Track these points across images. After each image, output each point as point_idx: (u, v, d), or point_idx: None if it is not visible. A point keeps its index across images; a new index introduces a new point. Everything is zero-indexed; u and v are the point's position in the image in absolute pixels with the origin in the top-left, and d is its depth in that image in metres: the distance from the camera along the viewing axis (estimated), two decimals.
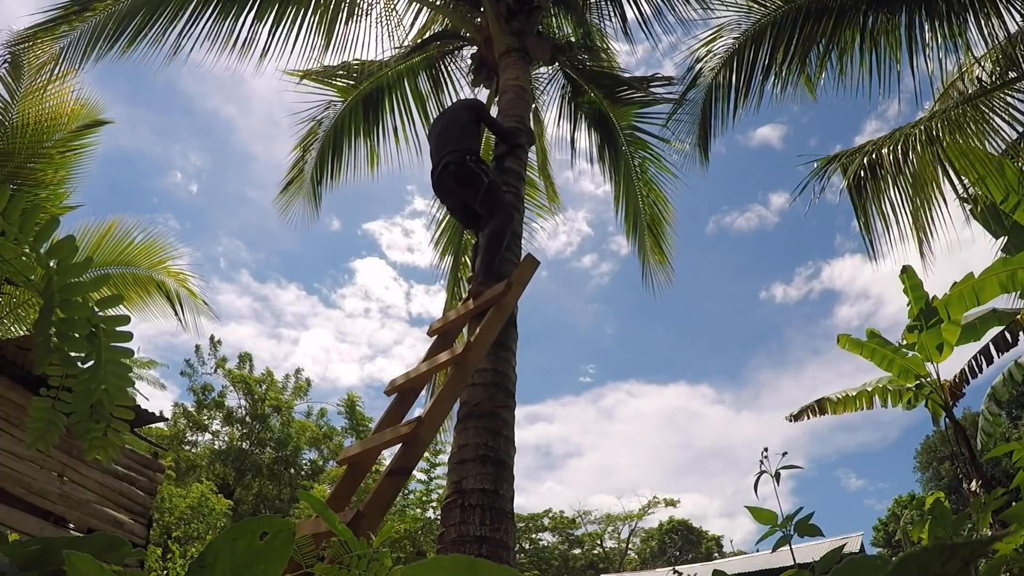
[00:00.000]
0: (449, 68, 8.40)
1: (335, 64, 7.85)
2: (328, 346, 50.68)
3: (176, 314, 9.94)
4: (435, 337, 3.82)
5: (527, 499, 58.22)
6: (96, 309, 0.92)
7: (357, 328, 54.34)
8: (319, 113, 8.20)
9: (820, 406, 11.65)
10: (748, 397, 62.96)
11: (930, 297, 10.12)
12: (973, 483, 9.41)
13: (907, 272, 10.24)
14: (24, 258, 0.88)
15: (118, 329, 0.94)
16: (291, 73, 7.58)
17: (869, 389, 11.32)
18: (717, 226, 66.15)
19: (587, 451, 58.34)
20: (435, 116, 6.24)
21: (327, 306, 56.45)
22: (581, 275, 66.08)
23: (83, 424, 0.96)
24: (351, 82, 8.03)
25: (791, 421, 11.96)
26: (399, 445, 2.96)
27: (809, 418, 11.80)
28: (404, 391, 3.52)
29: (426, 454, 19.31)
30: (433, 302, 53.70)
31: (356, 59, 7.88)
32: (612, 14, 7.91)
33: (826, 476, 58.75)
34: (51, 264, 0.88)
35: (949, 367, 11.26)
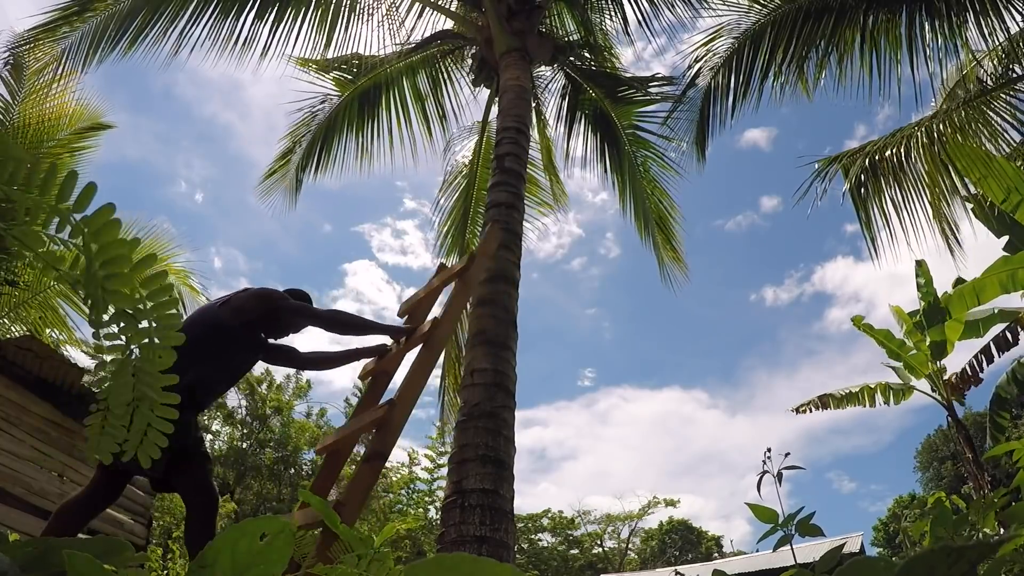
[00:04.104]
0: (449, 68, 8.41)
1: (335, 58, 7.87)
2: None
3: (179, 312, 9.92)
4: (404, 318, 3.77)
5: (523, 500, 58.03)
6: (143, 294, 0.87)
7: None
8: (315, 106, 8.22)
9: (823, 401, 11.69)
10: (742, 400, 62.83)
11: (936, 296, 10.16)
12: (976, 484, 9.41)
13: (921, 267, 10.29)
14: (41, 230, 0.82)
15: (167, 313, 0.90)
16: (294, 60, 7.60)
17: (872, 385, 11.35)
18: (706, 230, 66.12)
19: (582, 454, 58.23)
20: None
21: None
22: (572, 278, 66.00)
23: (117, 422, 0.93)
24: (349, 77, 8.04)
25: (796, 413, 12.01)
26: (374, 430, 2.93)
27: (811, 412, 11.85)
28: (377, 375, 3.47)
29: (430, 453, 19.27)
30: None
31: (355, 54, 7.89)
32: (613, 13, 7.91)
33: (819, 478, 58.63)
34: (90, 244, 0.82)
35: (949, 364, 11.25)
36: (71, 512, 2.76)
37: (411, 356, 3.24)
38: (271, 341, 3.25)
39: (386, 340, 3.43)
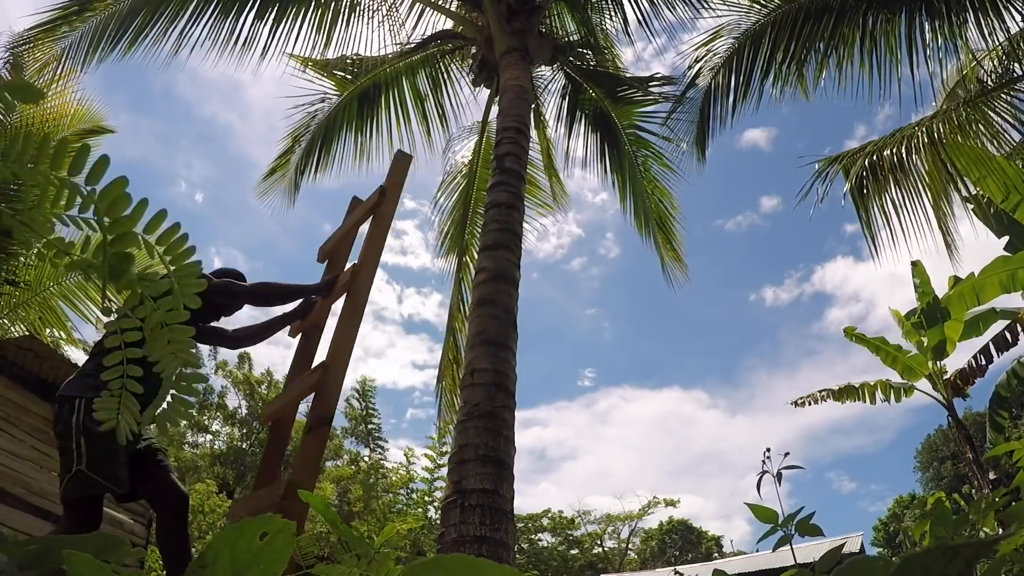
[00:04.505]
0: (449, 68, 8.41)
1: (335, 58, 7.88)
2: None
3: None
4: (325, 263, 3.59)
5: (522, 500, 57.86)
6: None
7: None
8: (314, 105, 8.22)
9: (823, 396, 11.69)
10: (742, 400, 62.74)
11: (935, 296, 10.16)
12: (978, 483, 9.41)
13: (916, 267, 10.27)
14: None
15: (185, 262, 0.90)
16: (294, 58, 7.59)
17: (872, 383, 11.35)
18: (706, 230, 66.11)
19: (582, 454, 58.17)
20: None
21: None
22: (572, 278, 65.95)
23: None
24: (348, 77, 8.05)
25: (795, 406, 11.99)
26: (312, 395, 2.78)
27: (810, 405, 11.84)
28: (307, 330, 3.31)
29: (430, 453, 19.28)
30: (426, 304, 53.63)
31: (355, 54, 7.89)
32: (613, 12, 7.91)
33: (819, 478, 58.56)
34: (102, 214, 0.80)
35: (950, 364, 11.26)
36: None
37: (338, 307, 3.07)
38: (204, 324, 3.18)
39: (311, 298, 3.34)
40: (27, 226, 0.78)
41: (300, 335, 3.36)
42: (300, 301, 3.34)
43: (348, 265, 3.28)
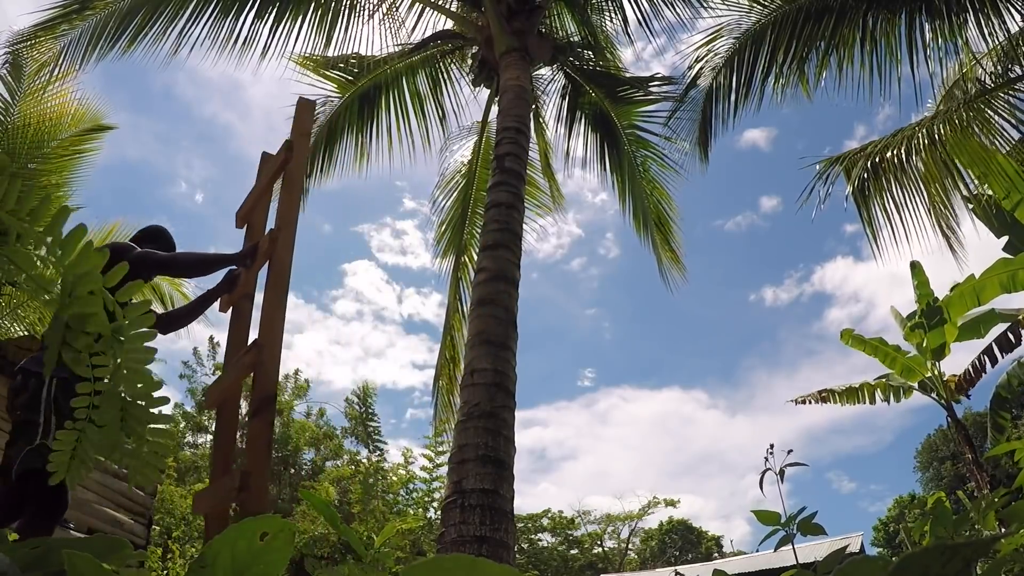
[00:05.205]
0: (449, 68, 8.40)
1: (335, 56, 7.87)
2: (321, 349, 50.15)
3: None
4: (244, 229, 3.46)
5: (522, 500, 57.66)
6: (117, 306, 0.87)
7: (350, 330, 54.06)
8: (316, 109, 8.19)
9: (823, 396, 11.68)
10: (742, 400, 62.60)
11: (934, 297, 10.15)
12: (978, 483, 9.41)
13: (915, 269, 10.25)
14: (38, 260, 0.82)
15: (142, 330, 0.90)
16: (293, 60, 7.58)
17: (872, 382, 11.33)
18: (706, 230, 65.98)
19: (582, 454, 58.08)
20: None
21: (320, 309, 56.12)
22: (572, 278, 65.85)
23: (112, 436, 0.93)
24: (349, 78, 8.04)
25: (796, 404, 11.97)
26: (251, 376, 2.65)
27: (810, 404, 11.83)
28: (238, 301, 3.15)
29: (428, 453, 19.26)
30: (426, 304, 53.61)
31: (355, 53, 7.88)
32: (613, 13, 7.91)
33: (819, 478, 58.49)
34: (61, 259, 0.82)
35: (952, 364, 11.25)
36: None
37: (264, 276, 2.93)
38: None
39: (232, 267, 3.20)
40: (10, 260, 0.78)
41: (231, 308, 3.20)
42: (223, 274, 3.20)
43: (267, 230, 3.15)
